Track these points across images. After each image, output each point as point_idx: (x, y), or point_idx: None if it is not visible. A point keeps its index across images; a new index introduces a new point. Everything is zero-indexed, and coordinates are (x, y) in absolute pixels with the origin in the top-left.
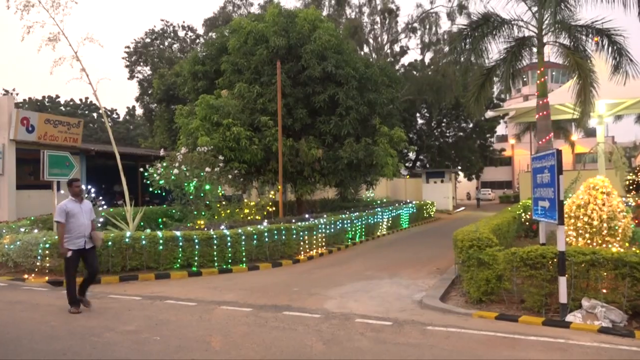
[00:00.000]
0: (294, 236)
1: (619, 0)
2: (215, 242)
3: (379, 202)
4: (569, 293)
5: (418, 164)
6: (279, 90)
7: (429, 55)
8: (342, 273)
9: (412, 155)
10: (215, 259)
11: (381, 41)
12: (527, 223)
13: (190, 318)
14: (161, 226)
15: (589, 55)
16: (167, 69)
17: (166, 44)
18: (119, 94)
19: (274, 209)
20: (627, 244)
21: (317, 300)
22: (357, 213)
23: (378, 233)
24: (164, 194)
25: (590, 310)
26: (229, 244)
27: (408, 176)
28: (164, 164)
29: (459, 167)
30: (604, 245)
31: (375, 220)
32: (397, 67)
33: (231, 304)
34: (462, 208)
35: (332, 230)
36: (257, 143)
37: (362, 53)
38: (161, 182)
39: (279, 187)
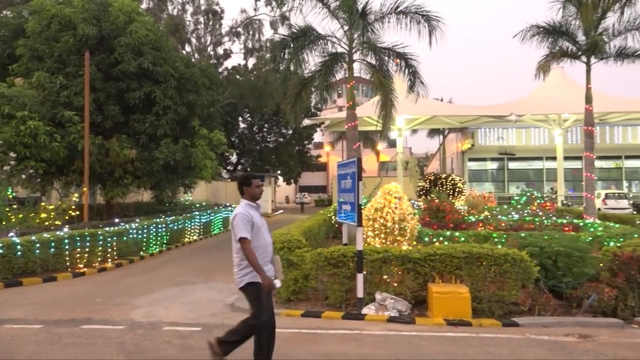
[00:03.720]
0: (100, 242)
1: (414, 29)
2: (0, 251)
3: (197, 205)
4: (365, 288)
5: (239, 167)
6: (86, 83)
7: (252, 61)
8: (153, 280)
9: (233, 158)
10: (1, 271)
11: (204, 42)
12: (337, 225)
13: None
14: None
15: (391, 75)
16: None
17: None
18: None
19: (77, 213)
20: (414, 242)
21: (123, 310)
22: (173, 217)
23: (195, 237)
24: None
25: (382, 302)
26: (18, 253)
27: (229, 179)
28: None
29: (279, 172)
30: (396, 244)
31: (193, 223)
32: (220, 70)
33: (18, 321)
34: (281, 211)
35: (145, 235)
36: (59, 140)
37: (184, 52)
38: None
39: (84, 189)
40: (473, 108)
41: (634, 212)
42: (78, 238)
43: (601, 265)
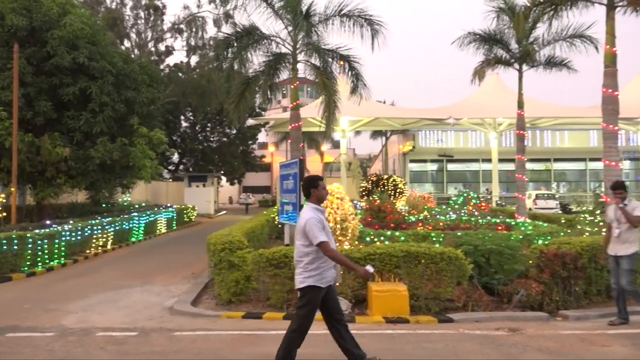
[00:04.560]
0: (30, 245)
1: (357, 33)
2: None
3: (136, 206)
4: None
5: (181, 167)
6: (15, 77)
7: (195, 59)
8: (88, 284)
9: (175, 158)
10: None
11: (145, 38)
12: (280, 225)
13: None
14: None
15: (335, 77)
16: None
17: None
18: None
19: (4, 214)
20: (355, 242)
21: (54, 316)
22: (110, 218)
23: (133, 239)
24: None
25: None
26: None
27: (170, 179)
28: None
29: (222, 172)
30: (337, 244)
31: (130, 225)
32: (161, 67)
33: None
34: (224, 212)
35: (80, 237)
36: None
37: (123, 48)
38: None
39: (12, 189)
40: (414, 111)
41: (561, 212)
42: (4, 241)
43: (530, 262)
